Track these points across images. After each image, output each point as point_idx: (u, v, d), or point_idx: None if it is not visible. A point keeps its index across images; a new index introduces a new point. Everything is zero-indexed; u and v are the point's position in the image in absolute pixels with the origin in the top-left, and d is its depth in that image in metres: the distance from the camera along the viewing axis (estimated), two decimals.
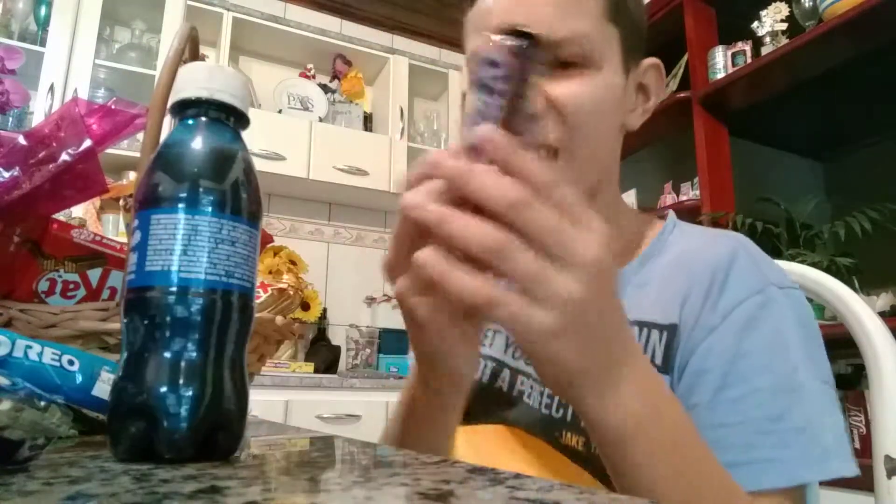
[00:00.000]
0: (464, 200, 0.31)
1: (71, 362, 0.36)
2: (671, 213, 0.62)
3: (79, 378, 0.36)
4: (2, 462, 0.24)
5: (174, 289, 0.29)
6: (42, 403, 0.28)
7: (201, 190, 0.31)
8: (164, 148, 0.32)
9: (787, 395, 0.46)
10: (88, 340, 0.46)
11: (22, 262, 0.49)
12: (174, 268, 0.29)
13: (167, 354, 0.29)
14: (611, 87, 0.53)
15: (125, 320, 0.30)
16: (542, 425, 0.54)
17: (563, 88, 0.51)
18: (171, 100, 0.34)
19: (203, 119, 0.33)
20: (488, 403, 0.59)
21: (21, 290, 0.48)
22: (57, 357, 0.36)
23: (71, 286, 0.50)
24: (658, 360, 0.50)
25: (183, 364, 0.29)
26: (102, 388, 0.36)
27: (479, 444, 0.56)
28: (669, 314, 0.51)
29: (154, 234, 0.30)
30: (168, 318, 0.29)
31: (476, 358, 0.43)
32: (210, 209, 0.30)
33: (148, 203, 0.31)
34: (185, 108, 0.33)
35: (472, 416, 0.56)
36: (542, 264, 0.30)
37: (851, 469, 0.45)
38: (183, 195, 0.30)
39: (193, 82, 0.33)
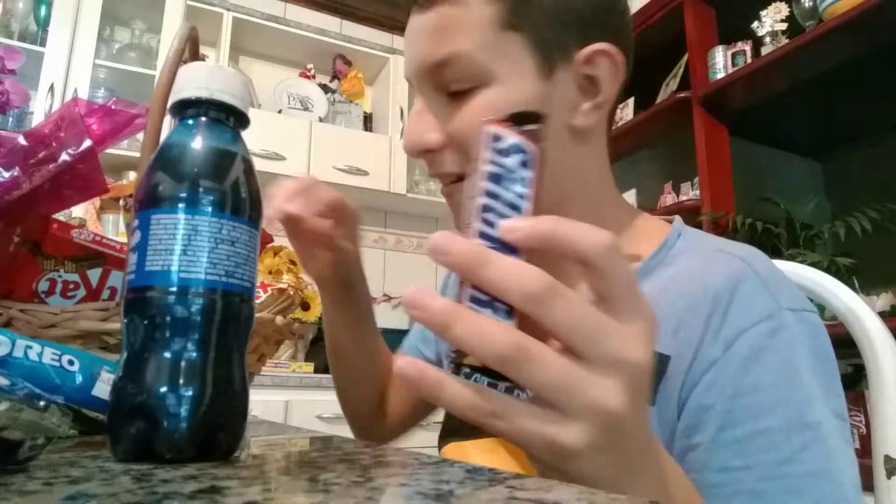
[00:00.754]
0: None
1: (71, 362, 0.36)
2: (676, 221, 0.55)
3: (79, 378, 0.36)
4: (2, 462, 0.24)
5: (174, 289, 0.29)
6: (42, 403, 0.28)
7: (201, 190, 0.31)
8: (164, 148, 0.32)
9: (800, 435, 0.41)
10: (88, 340, 0.46)
11: (22, 262, 0.49)
12: (174, 268, 0.29)
13: (167, 354, 0.29)
14: (515, 98, 0.47)
15: (125, 320, 0.30)
16: None
17: (460, 116, 0.49)
18: (171, 100, 0.33)
19: (203, 119, 0.33)
20: None
21: (21, 290, 0.48)
22: (57, 357, 0.36)
23: (71, 286, 0.50)
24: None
25: (183, 364, 0.29)
26: (102, 389, 0.36)
27: (474, 458, 0.54)
28: (658, 343, 0.47)
29: (154, 234, 0.30)
30: (168, 318, 0.29)
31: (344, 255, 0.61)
32: (210, 209, 0.30)
33: (148, 203, 0.31)
34: (185, 108, 0.33)
35: (468, 426, 0.55)
36: (571, 369, 0.25)
37: None
38: (183, 195, 0.30)
39: (193, 82, 0.33)
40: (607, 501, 0.21)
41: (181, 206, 0.30)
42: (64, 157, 0.47)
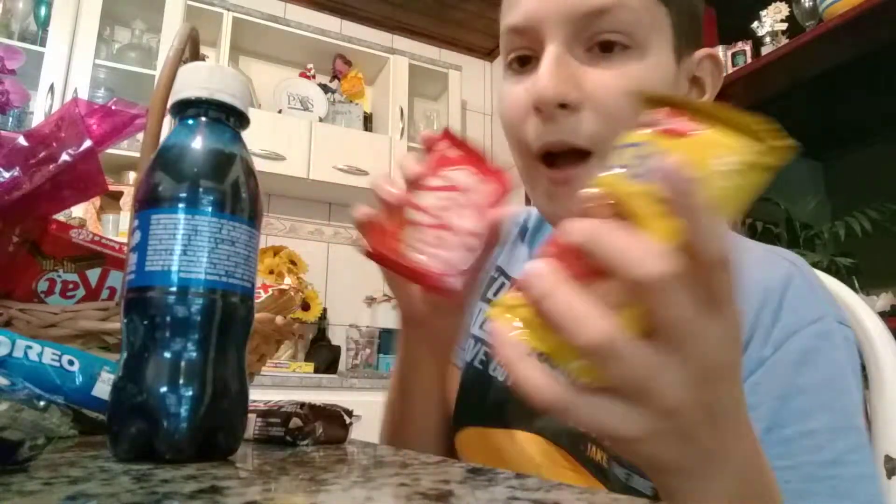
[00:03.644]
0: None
1: (71, 362, 0.36)
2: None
3: (79, 378, 0.36)
4: (2, 462, 0.24)
5: (174, 289, 0.29)
6: (42, 403, 0.28)
7: (201, 190, 0.31)
8: (164, 148, 0.32)
9: (846, 438, 0.41)
10: (88, 340, 0.46)
11: (21, 262, 0.49)
12: (174, 268, 0.29)
13: (167, 354, 0.29)
14: (659, 76, 0.46)
15: (125, 320, 0.30)
16: (569, 436, 0.50)
17: (602, 77, 0.45)
18: (171, 100, 0.34)
19: (203, 119, 0.33)
20: (515, 409, 0.54)
21: (20, 290, 0.48)
22: (57, 357, 0.36)
23: (70, 286, 0.50)
24: None
25: (183, 364, 0.29)
26: (102, 389, 0.36)
27: (499, 449, 0.53)
28: None
29: (154, 234, 0.30)
30: (168, 318, 0.29)
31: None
32: (210, 209, 0.30)
33: (148, 203, 0.31)
34: (185, 109, 0.33)
35: (497, 419, 0.54)
36: (652, 361, 0.25)
37: None
38: (183, 195, 0.30)
39: (193, 82, 0.33)
40: (608, 501, 0.21)
41: (181, 206, 0.30)
42: (64, 157, 0.47)
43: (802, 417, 0.41)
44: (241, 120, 0.34)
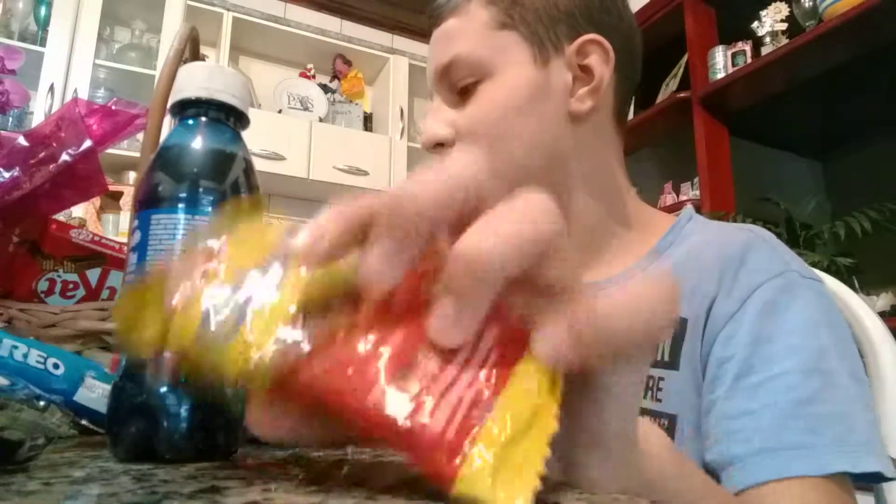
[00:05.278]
0: None
1: (56, 366, 0.35)
2: (688, 206, 0.60)
3: (62, 382, 0.35)
4: (2, 462, 0.24)
5: None
6: (42, 403, 0.28)
7: (201, 190, 0.31)
8: (164, 148, 0.32)
9: (818, 378, 0.42)
10: (88, 340, 0.46)
11: (21, 262, 0.49)
12: None
13: (168, 354, 0.29)
14: (515, 87, 0.53)
15: None
16: None
17: (465, 114, 0.54)
18: (171, 100, 0.33)
19: (203, 119, 0.33)
20: None
21: (20, 290, 0.48)
22: (42, 359, 0.35)
23: (70, 286, 0.50)
24: (665, 357, 0.49)
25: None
26: (85, 395, 0.35)
27: None
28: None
29: (154, 234, 0.30)
30: None
31: None
32: (210, 209, 0.30)
33: (148, 203, 0.31)
34: (185, 109, 0.33)
35: None
36: None
37: (889, 468, 0.41)
38: (183, 195, 0.30)
39: (193, 82, 0.33)
40: (608, 501, 0.21)
41: (181, 206, 0.30)
42: (64, 157, 0.47)
43: (772, 361, 0.43)
44: (241, 120, 0.34)
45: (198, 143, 0.32)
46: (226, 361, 0.19)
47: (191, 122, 0.33)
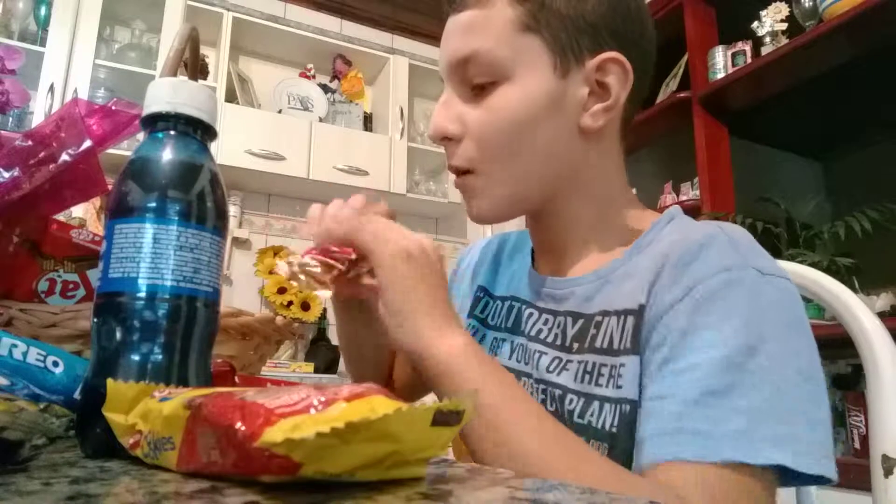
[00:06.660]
0: None
1: (55, 364, 0.36)
2: (673, 208, 0.59)
3: (61, 380, 0.36)
4: (2, 462, 0.24)
5: (141, 294, 0.31)
6: (42, 403, 0.28)
7: (167, 200, 0.32)
8: (132, 161, 0.34)
9: (736, 374, 0.43)
10: (88, 340, 0.46)
11: (21, 262, 0.49)
12: (136, 275, 0.31)
13: (134, 357, 0.31)
14: (532, 95, 0.52)
15: (94, 322, 0.32)
16: None
17: (476, 113, 0.54)
18: (143, 114, 0.35)
19: (171, 132, 0.34)
20: None
21: (21, 290, 0.49)
22: (42, 358, 0.36)
23: (70, 286, 0.50)
24: (627, 343, 0.49)
25: (149, 366, 0.31)
26: None
27: None
28: (638, 297, 0.50)
29: (118, 244, 0.32)
30: (133, 323, 0.31)
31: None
32: (176, 219, 0.32)
33: (116, 213, 0.32)
34: (155, 122, 0.34)
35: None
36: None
37: (830, 470, 0.42)
38: (150, 205, 0.32)
39: (160, 97, 0.34)
40: (607, 501, 0.21)
41: (148, 216, 0.32)
42: (64, 157, 0.47)
43: (694, 351, 0.44)
44: (208, 132, 0.36)
45: (164, 155, 0.33)
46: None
47: (160, 135, 0.34)
